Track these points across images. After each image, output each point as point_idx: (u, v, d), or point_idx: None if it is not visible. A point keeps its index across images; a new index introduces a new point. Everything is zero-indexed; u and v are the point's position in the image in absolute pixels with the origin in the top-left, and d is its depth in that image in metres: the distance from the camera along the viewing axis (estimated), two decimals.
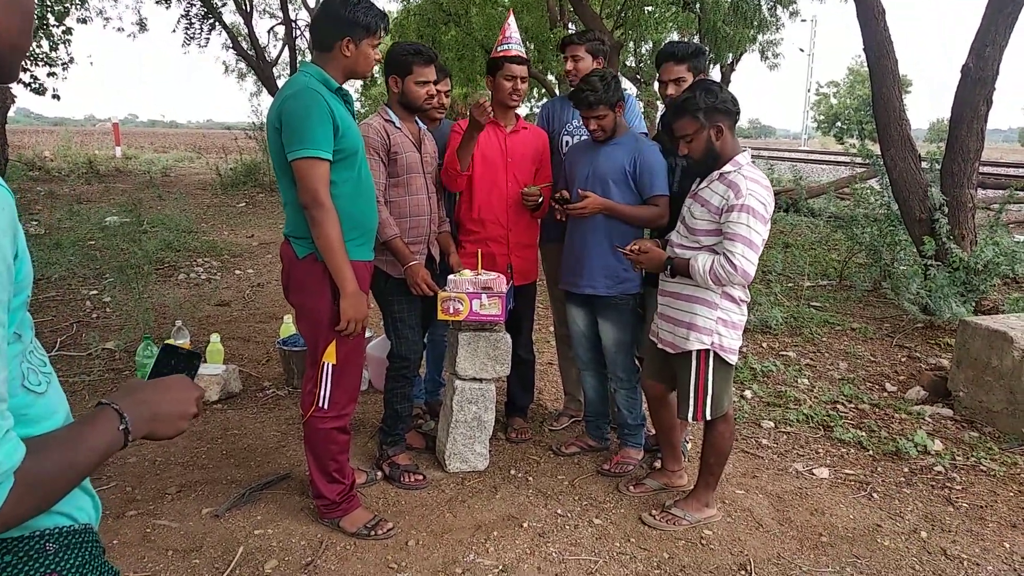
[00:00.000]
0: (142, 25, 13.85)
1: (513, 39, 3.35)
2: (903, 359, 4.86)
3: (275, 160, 2.49)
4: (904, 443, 3.51)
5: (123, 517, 2.82)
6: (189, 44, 13.15)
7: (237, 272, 7.23)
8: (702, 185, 2.71)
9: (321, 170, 2.38)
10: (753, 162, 2.71)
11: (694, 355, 2.71)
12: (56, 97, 12.83)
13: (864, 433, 3.69)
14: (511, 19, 3.46)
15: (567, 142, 3.54)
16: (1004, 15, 5.45)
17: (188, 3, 12.47)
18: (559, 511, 2.96)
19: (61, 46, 12.42)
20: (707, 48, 3.48)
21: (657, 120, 3.10)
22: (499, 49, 3.36)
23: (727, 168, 2.63)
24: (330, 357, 2.59)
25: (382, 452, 3.28)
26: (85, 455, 0.92)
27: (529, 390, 3.82)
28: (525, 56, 3.39)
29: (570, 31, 13.34)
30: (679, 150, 2.70)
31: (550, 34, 12.71)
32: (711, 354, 2.69)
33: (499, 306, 3.03)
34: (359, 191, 2.55)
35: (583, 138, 3.39)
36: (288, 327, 4.58)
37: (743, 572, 2.58)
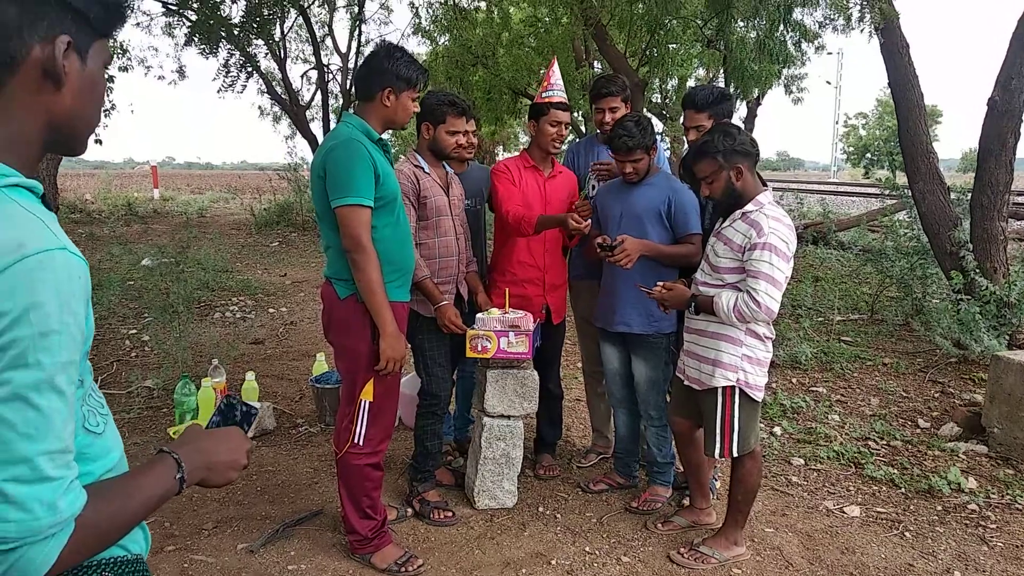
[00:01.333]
0: (181, 72, 14.33)
1: (557, 85, 3.43)
2: (936, 394, 4.80)
3: (318, 206, 2.61)
4: (937, 480, 3.47)
5: (161, 552, 2.89)
6: (226, 91, 13.58)
7: (271, 310, 7.39)
8: (725, 224, 2.77)
9: (364, 216, 2.50)
10: (777, 201, 2.77)
11: (720, 392, 2.74)
12: (99, 142, 13.28)
13: (896, 470, 3.65)
14: (555, 66, 3.52)
15: (593, 185, 3.62)
16: None
17: (228, 52, 12.91)
18: (587, 548, 2.98)
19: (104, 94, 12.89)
20: (730, 93, 3.53)
21: (679, 164, 3.16)
22: (544, 95, 3.43)
23: (749, 207, 2.68)
24: (367, 395, 2.68)
25: (412, 489, 3.33)
26: (142, 502, 1.00)
27: (557, 426, 3.86)
28: (568, 103, 3.46)
29: (595, 71, 13.56)
30: (701, 192, 2.78)
31: (576, 74, 12.92)
32: (736, 391, 2.72)
33: (526, 344, 3.10)
34: (398, 235, 2.67)
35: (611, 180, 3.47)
36: (321, 365, 4.67)
37: None
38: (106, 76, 1.06)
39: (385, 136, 2.74)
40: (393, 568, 2.77)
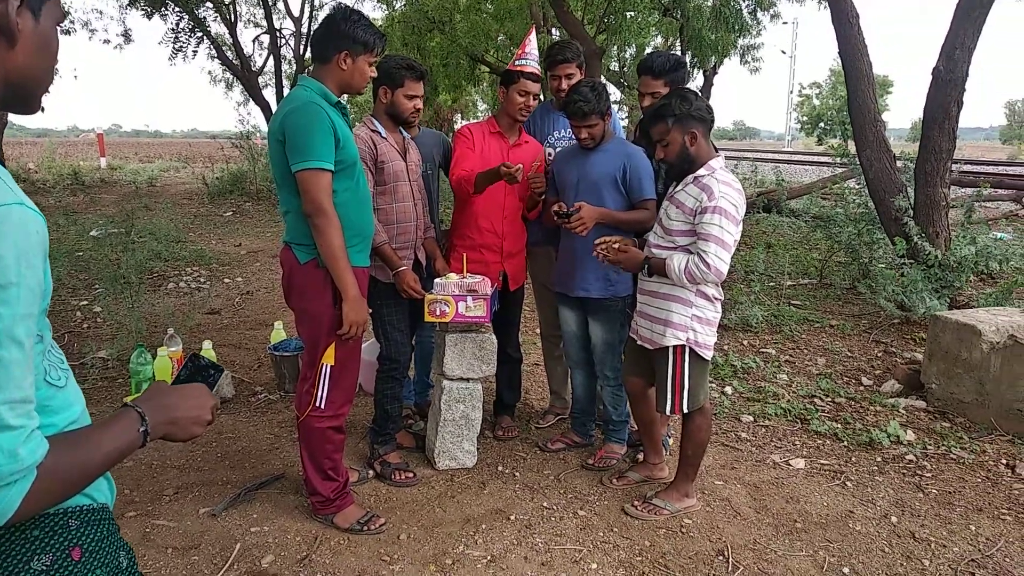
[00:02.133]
0: (127, 37, 13.87)
1: (532, 55, 3.41)
2: (879, 354, 5.00)
3: (276, 170, 2.60)
4: (878, 434, 3.65)
5: (122, 518, 2.90)
6: (176, 56, 13.19)
7: (226, 280, 7.30)
8: (678, 188, 2.84)
9: (324, 180, 2.49)
10: (727, 167, 2.84)
11: (670, 351, 2.83)
12: (41, 109, 12.82)
13: (840, 425, 3.82)
14: (532, 35, 3.51)
15: (549, 153, 3.65)
16: (972, 19, 5.63)
17: (177, 16, 12.52)
18: (545, 504, 3.07)
19: None
20: (685, 61, 3.56)
21: (635, 127, 3.20)
22: (518, 63, 3.41)
23: (701, 172, 2.75)
24: (329, 359, 2.70)
25: (373, 451, 3.38)
26: (105, 453, 1.02)
27: (516, 389, 3.93)
28: (540, 74, 3.45)
29: (553, 38, 13.49)
30: (656, 154, 2.83)
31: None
32: (687, 350, 2.82)
33: (484, 308, 3.14)
34: (358, 199, 2.67)
35: (566, 146, 3.51)
36: (279, 333, 4.66)
37: (721, 558, 2.70)
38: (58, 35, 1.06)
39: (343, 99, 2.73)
40: (356, 527, 2.82)
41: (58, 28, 1.09)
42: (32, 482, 0.92)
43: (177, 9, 12.27)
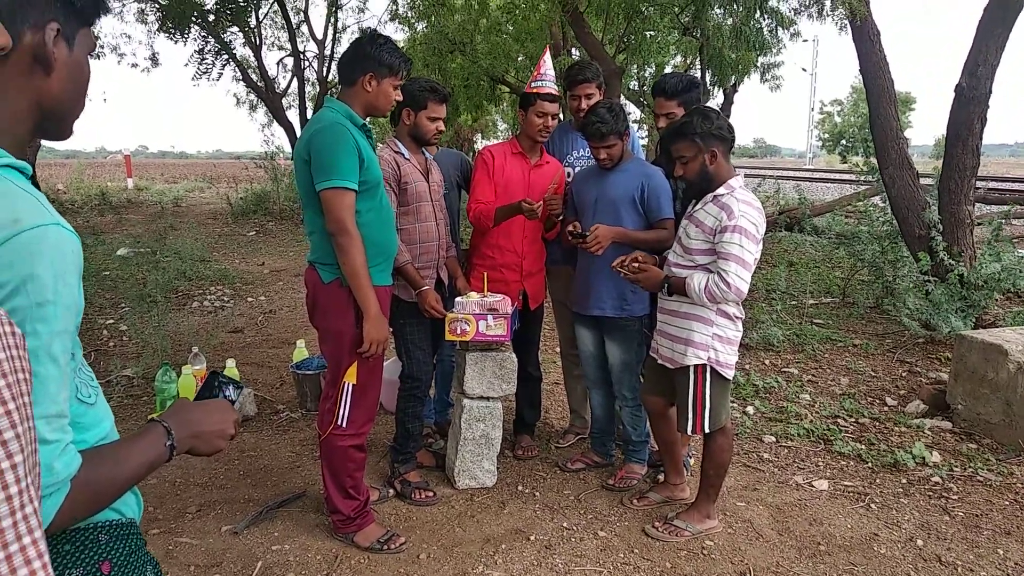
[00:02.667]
0: (155, 60, 14.14)
1: (548, 76, 3.43)
2: (903, 374, 4.94)
3: (302, 190, 2.64)
4: (902, 455, 3.60)
5: (146, 535, 2.93)
6: (200, 78, 13.43)
7: (249, 299, 7.39)
8: (697, 207, 2.84)
9: (348, 200, 2.54)
10: (746, 185, 2.85)
11: (692, 370, 2.82)
12: (71, 133, 13.09)
13: (863, 446, 3.78)
14: (547, 56, 3.54)
15: (568, 173, 3.67)
16: (995, 36, 5.60)
17: (203, 39, 12.76)
18: (565, 524, 3.06)
19: None
20: (699, 80, 3.57)
21: (655, 145, 3.22)
22: (534, 85, 3.43)
23: (720, 191, 2.76)
24: (351, 377, 2.73)
25: (394, 470, 3.39)
26: (133, 467, 1.06)
27: (536, 407, 3.93)
28: (558, 94, 3.46)
29: (574, 58, 13.58)
30: (675, 172, 2.84)
31: (554, 62, 12.95)
32: (708, 369, 2.81)
33: (505, 327, 3.16)
34: (381, 219, 2.71)
35: (585, 165, 3.53)
36: (301, 351, 4.71)
37: None
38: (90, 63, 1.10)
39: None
40: (376, 546, 2.83)
41: (90, 56, 1.13)
42: (66, 495, 0.94)
43: (203, 33, 12.52)
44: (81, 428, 1.08)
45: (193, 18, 11.53)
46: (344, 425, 2.77)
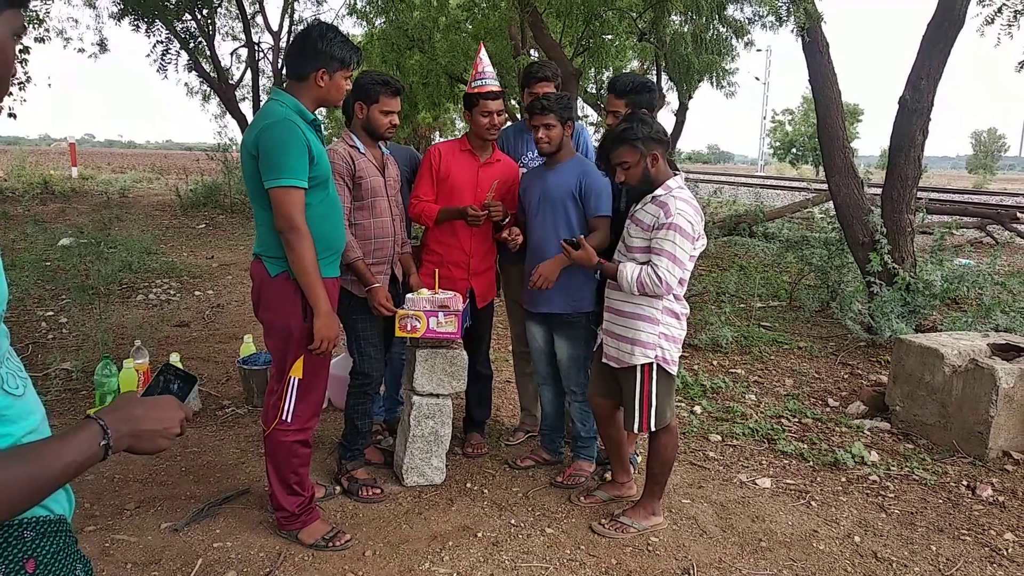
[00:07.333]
0: (103, 46, 13.75)
1: (487, 73, 3.40)
2: (845, 376, 5.08)
3: (249, 184, 2.59)
4: (842, 454, 3.70)
5: (81, 532, 2.84)
6: (165, 71, 13.09)
7: (197, 293, 7.23)
8: (638, 207, 2.90)
9: (298, 198, 2.50)
10: (684, 186, 2.90)
11: (639, 369, 2.86)
12: (12, 116, 12.70)
13: (806, 445, 3.87)
14: (482, 53, 3.50)
15: (521, 173, 3.67)
16: (937, 50, 5.79)
17: (168, 35, 12.42)
18: (512, 521, 3.06)
19: (18, 65, 12.27)
20: (653, 85, 3.61)
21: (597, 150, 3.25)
22: (474, 85, 3.40)
23: (659, 192, 2.82)
24: (297, 372, 2.69)
25: (341, 467, 3.35)
26: (61, 466, 0.99)
27: (486, 405, 3.93)
28: (499, 89, 3.43)
29: (532, 58, 13.62)
30: (616, 178, 2.88)
31: (513, 62, 12.95)
32: (655, 367, 2.85)
33: (455, 324, 3.15)
34: (329, 213, 2.68)
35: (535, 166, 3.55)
36: (248, 347, 4.62)
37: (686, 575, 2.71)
38: (18, 46, 1.05)
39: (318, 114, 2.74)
40: (320, 543, 2.79)
41: (15, 38, 1.09)
42: None
43: (158, 24, 12.20)
44: (7, 421, 1.02)
45: (161, 4, 11.18)
46: (289, 420, 2.72)
